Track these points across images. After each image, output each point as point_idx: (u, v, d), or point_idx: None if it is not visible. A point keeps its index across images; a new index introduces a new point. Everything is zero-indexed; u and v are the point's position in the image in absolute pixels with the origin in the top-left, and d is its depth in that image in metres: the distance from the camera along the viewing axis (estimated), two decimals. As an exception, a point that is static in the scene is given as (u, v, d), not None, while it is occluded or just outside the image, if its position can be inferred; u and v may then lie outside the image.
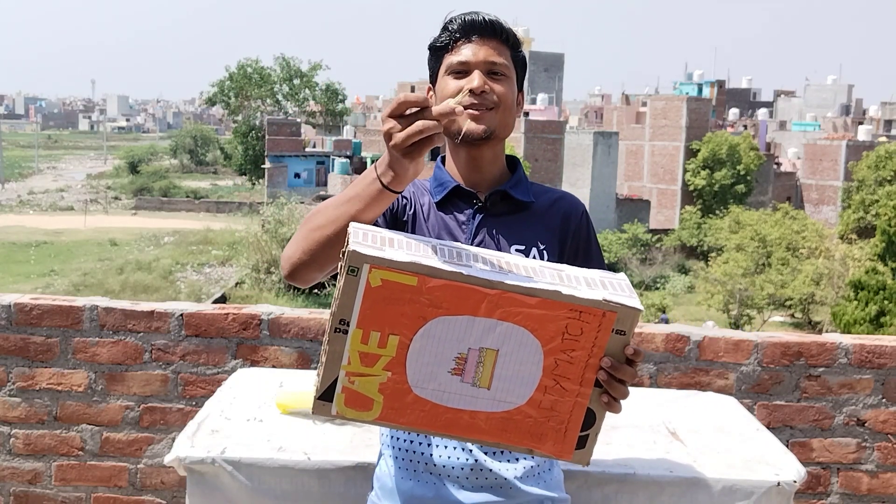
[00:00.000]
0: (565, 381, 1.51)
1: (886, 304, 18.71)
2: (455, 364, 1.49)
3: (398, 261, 1.41)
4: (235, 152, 61.37)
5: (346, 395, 1.49)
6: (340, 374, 1.48)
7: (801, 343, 2.96)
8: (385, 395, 1.49)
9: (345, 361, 1.47)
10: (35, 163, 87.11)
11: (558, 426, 1.54)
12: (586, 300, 1.46)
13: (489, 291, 1.44)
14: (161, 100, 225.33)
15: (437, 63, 1.76)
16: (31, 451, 3.03)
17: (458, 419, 1.52)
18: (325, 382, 1.49)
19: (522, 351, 1.48)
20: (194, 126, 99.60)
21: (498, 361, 1.49)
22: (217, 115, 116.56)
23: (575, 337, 1.48)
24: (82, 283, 30.55)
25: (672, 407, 2.49)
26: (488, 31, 1.72)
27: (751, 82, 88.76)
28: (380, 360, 1.47)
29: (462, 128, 1.71)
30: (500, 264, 1.49)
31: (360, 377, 1.48)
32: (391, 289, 1.42)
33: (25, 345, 2.97)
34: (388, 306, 1.43)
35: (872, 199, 41.36)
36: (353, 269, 1.41)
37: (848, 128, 59.80)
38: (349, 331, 1.45)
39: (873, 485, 3.00)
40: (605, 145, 47.35)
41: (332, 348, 1.47)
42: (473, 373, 1.49)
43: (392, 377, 1.48)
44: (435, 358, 1.48)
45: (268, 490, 2.02)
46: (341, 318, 1.44)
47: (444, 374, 1.49)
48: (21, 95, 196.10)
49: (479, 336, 1.46)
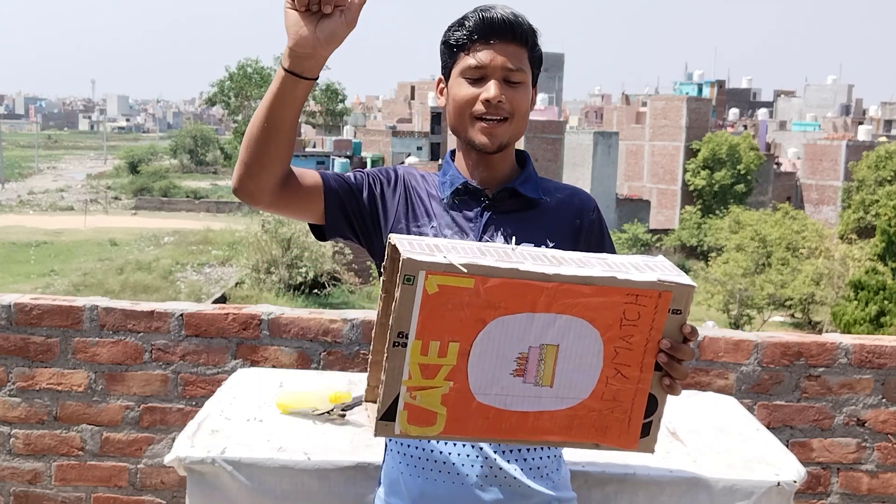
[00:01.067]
0: (626, 368, 1.48)
1: (886, 304, 18.70)
2: (517, 365, 1.45)
3: (455, 264, 1.38)
4: (235, 152, 61.29)
5: (409, 411, 1.45)
6: (402, 390, 1.43)
7: (801, 343, 2.96)
8: (448, 407, 1.45)
9: (405, 377, 1.42)
10: (35, 163, 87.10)
11: (622, 416, 1.51)
12: (642, 283, 1.43)
13: (546, 285, 1.41)
14: (161, 100, 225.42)
15: (452, 60, 1.72)
16: (31, 451, 3.03)
17: (524, 423, 1.48)
18: (386, 401, 1.43)
19: (582, 343, 1.46)
20: (194, 126, 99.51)
21: (559, 357, 1.46)
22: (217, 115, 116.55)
23: (633, 322, 1.46)
24: (82, 283, 30.54)
25: (672, 407, 2.49)
26: (507, 34, 1.67)
27: (751, 82, 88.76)
28: (441, 370, 1.43)
29: (474, 140, 1.70)
30: (547, 258, 1.46)
31: (421, 391, 1.44)
32: (449, 294, 1.39)
33: (25, 345, 2.97)
34: (447, 313, 1.40)
35: (872, 199, 41.36)
36: (408, 279, 1.37)
37: (848, 128, 59.80)
38: (408, 343, 1.40)
39: (873, 485, 3.00)
40: (605, 145, 47.35)
41: (391, 364, 1.41)
42: (535, 372, 1.46)
43: (454, 387, 1.44)
44: (496, 361, 1.44)
45: (268, 490, 2.02)
46: (399, 331, 1.39)
47: (507, 377, 1.45)
48: (21, 95, 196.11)
49: (538, 333, 1.43)
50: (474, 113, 1.68)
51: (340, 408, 2.27)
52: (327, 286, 29.81)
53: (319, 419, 2.26)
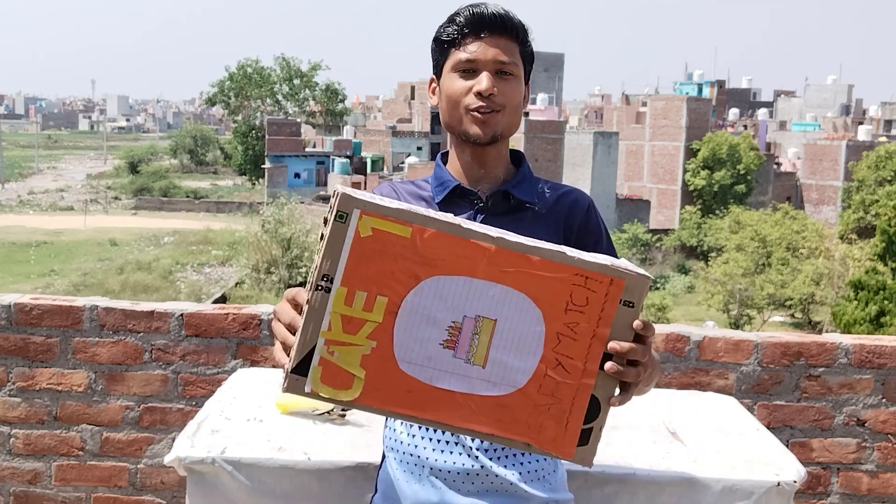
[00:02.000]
0: (568, 360, 1.35)
1: (886, 304, 18.70)
2: (448, 335, 1.32)
3: (392, 207, 1.28)
4: (235, 152, 61.42)
5: (324, 368, 1.30)
6: (319, 342, 1.29)
7: (801, 343, 2.96)
8: (368, 371, 1.31)
9: (325, 326, 1.29)
10: (35, 163, 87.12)
11: (559, 416, 1.37)
12: (592, 264, 1.34)
13: (489, 248, 1.31)
14: (161, 100, 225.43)
15: (443, 57, 1.72)
16: (31, 451, 3.03)
17: (449, 404, 1.34)
18: (301, 351, 1.29)
19: (522, 321, 1.33)
20: (194, 126, 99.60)
21: (495, 333, 1.33)
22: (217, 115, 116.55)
23: (580, 307, 1.34)
24: (82, 283, 30.55)
25: (672, 407, 2.49)
26: (498, 27, 1.67)
27: (751, 82, 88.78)
28: (364, 326, 1.29)
29: (468, 131, 1.69)
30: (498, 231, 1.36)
31: (340, 347, 1.29)
32: (382, 240, 1.27)
33: (25, 345, 2.97)
34: (378, 261, 1.28)
35: (872, 199, 41.37)
36: (341, 215, 1.26)
37: (848, 128, 59.80)
38: (332, 289, 1.27)
39: (873, 485, 3.00)
40: (605, 145, 47.35)
41: (311, 310, 1.28)
42: (468, 347, 1.32)
43: (377, 348, 1.30)
44: (426, 326, 1.31)
45: (268, 490, 2.02)
46: (324, 274, 1.27)
47: (436, 347, 1.32)
48: (21, 95, 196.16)
49: (475, 301, 1.31)
50: (467, 106, 1.68)
51: (340, 408, 2.27)
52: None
53: (319, 419, 2.26)
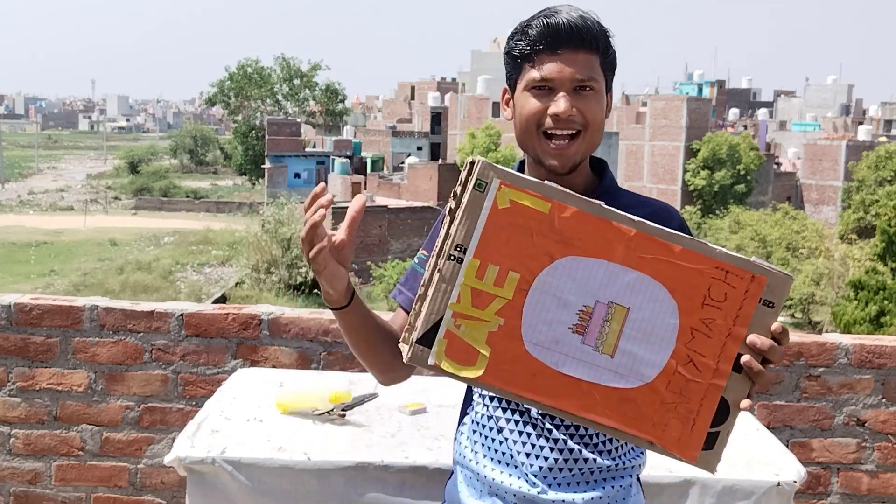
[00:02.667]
0: (701, 358, 1.28)
1: (886, 304, 18.70)
2: (578, 319, 1.27)
3: (533, 181, 1.24)
4: (235, 152, 61.42)
5: (450, 342, 1.26)
6: (447, 314, 1.25)
7: (801, 343, 2.96)
8: (493, 348, 1.26)
9: (454, 298, 1.25)
10: (35, 163, 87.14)
11: (686, 416, 1.30)
12: (736, 258, 1.27)
13: (629, 231, 1.25)
14: (161, 100, 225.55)
15: (515, 71, 1.58)
16: (31, 451, 3.03)
17: (574, 392, 1.28)
18: (427, 321, 1.25)
19: (656, 312, 1.27)
20: (194, 126, 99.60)
21: (627, 322, 1.27)
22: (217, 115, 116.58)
23: (717, 303, 1.27)
24: (82, 283, 30.55)
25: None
26: (575, 41, 1.52)
27: (751, 82, 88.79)
28: (493, 301, 1.25)
29: (544, 161, 1.56)
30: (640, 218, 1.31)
31: (468, 321, 1.25)
32: (520, 214, 1.23)
33: (25, 345, 2.97)
34: (514, 235, 1.24)
35: (872, 199, 41.38)
36: (480, 184, 1.22)
37: (848, 128, 59.82)
38: (465, 260, 1.24)
39: (873, 485, 3.00)
40: (605, 145, 47.32)
41: (441, 279, 1.24)
42: (597, 334, 1.27)
43: (504, 325, 1.26)
44: (556, 308, 1.26)
45: (268, 490, 2.02)
46: (458, 244, 1.23)
47: (564, 331, 1.27)
48: (21, 95, 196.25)
49: (609, 286, 1.26)
50: (543, 128, 1.54)
51: (340, 408, 2.27)
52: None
53: (319, 419, 2.26)
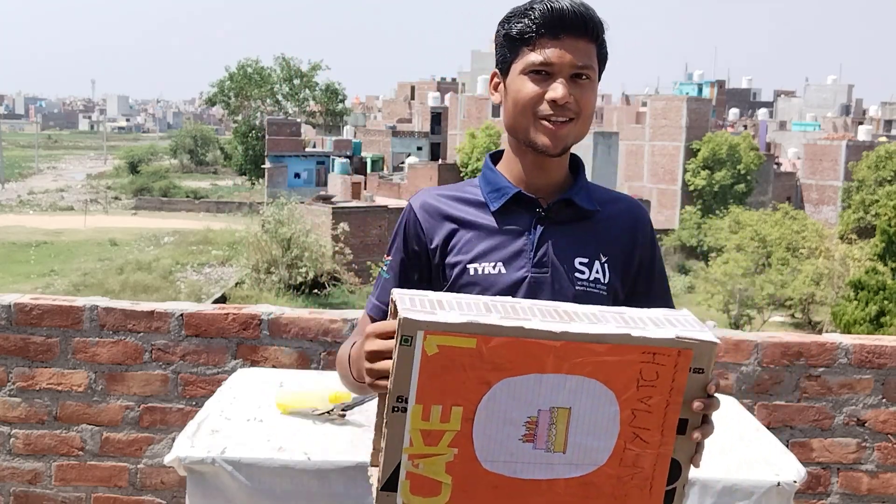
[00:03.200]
0: (645, 432, 1.39)
1: (886, 304, 18.70)
2: (526, 430, 1.36)
3: (454, 322, 1.30)
4: (235, 152, 61.43)
5: (412, 480, 1.36)
6: (403, 458, 1.35)
7: (801, 343, 2.96)
8: (454, 476, 1.37)
9: (406, 444, 1.34)
10: (35, 163, 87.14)
11: (642, 483, 1.41)
12: (659, 339, 1.34)
13: (554, 344, 1.32)
14: (161, 100, 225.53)
15: (512, 54, 1.57)
16: (31, 451, 3.03)
17: (536, 491, 1.39)
18: (387, 470, 1.35)
19: (596, 405, 1.36)
20: (194, 126, 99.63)
21: (571, 420, 1.36)
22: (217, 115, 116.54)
23: (651, 382, 1.36)
24: (82, 283, 30.55)
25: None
26: (578, 29, 1.52)
27: (751, 82, 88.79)
28: (444, 436, 1.35)
29: (536, 141, 1.58)
30: (559, 313, 1.38)
31: (424, 459, 1.35)
32: (449, 355, 1.31)
33: (25, 345, 2.97)
34: (448, 375, 1.32)
35: (872, 199, 41.39)
36: (406, 339, 1.30)
37: (848, 128, 59.82)
38: (408, 408, 1.33)
39: (873, 485, 3.00)
40: (605, 145, 47.34)
41: (391, 431, 1.34)
42: (546, 437, 1.36)
43: (459, 454, 1.36)
44: (503, 426, 1.35)
45: (268, 490, 2.02)
46: (399, 395, 1.32)
47: (515, 443, 1.36)
48: (21, 95, 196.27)
49: (548, 395, 1.34)
50: (539, 113, 1.55)
51: (340, 408, 2.27)
52: (327, 286, 29.83)
53: (319, 419, 2.26)
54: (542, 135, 1.57)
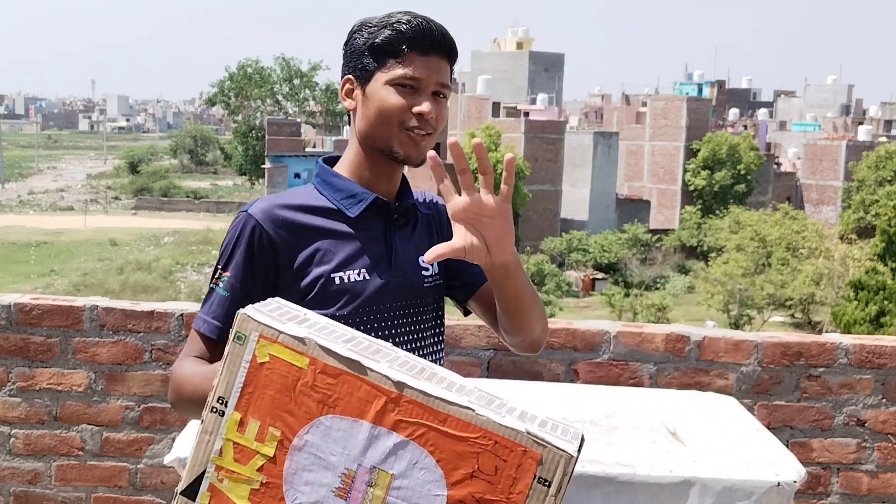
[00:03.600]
0: None
1: (886, 304, 18.71)
2: (341, 482, 1.18)
3: (290, 334, 1.19)
4: (235, 152, 61.46)
5: (213, 496, 1.21)
6: (210, 467, 1.21)
7: (801, 343, 2.96)
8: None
9: (216, 451, 1.21)
10: (35, 163, 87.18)
11: None
12: (503, 427, 1.15)
13: (389, 391, 1.17)
14: (161, 100, 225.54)
15: (377, 63, 1.58)
16: (31, 451, 3.03)
17: None
18: (191, 474, 1.22)
19: (422, 481, 1.17)
20: (194, 126, 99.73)
21: (391, 490, 1.18)
22: (217, 115, 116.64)
23: (487, 476, 1.16)
24: (82, 283, 30.58)
25: (672, 407, 2.49)
26: (443, 49, 1.58)
27: (751, 82, 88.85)
28: (255, 458, 1.20)
29: (399, 151, 1.59)
30: (424, 371, 1.22)
31: (230, 476, 1.21)
32: (278, 368, 1.19)
33: (25, 345, 2.97)
34: (273, 391, 1.19)
35: (872, 199, 41.40)
36: (239, 336, 1.20)
37: (848, 128, 59.83)
38: (226, 413, 1.20)
39: (873, 485, 3.00)
40: (605, 145, 47.36)
41: (203, 432, 1.22)
42: (361, 499, 1.18)
43: (265, 484, 1.20)
44: (319, 469, 1.19)
45: (268, 490, 2.02)
46: (220, 396, 1.21)
47: (327, 493, 1.19)
48: (21, 95, 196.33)
49: (371, 450, 1.18)
50: (404, 124, 1.57)
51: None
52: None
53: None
54: (406, 146, 1.60)
